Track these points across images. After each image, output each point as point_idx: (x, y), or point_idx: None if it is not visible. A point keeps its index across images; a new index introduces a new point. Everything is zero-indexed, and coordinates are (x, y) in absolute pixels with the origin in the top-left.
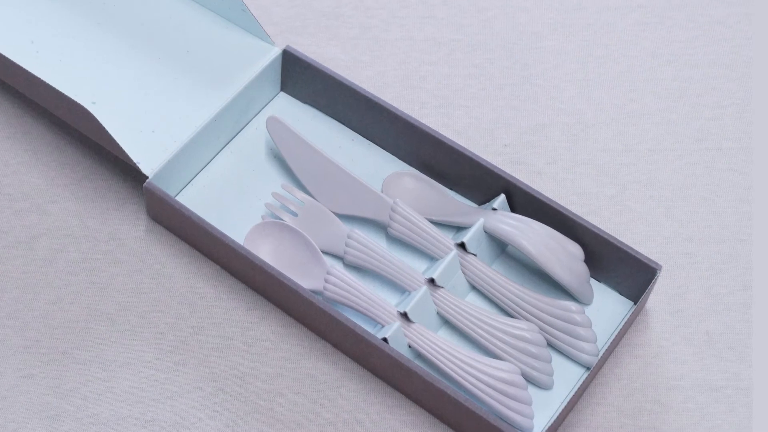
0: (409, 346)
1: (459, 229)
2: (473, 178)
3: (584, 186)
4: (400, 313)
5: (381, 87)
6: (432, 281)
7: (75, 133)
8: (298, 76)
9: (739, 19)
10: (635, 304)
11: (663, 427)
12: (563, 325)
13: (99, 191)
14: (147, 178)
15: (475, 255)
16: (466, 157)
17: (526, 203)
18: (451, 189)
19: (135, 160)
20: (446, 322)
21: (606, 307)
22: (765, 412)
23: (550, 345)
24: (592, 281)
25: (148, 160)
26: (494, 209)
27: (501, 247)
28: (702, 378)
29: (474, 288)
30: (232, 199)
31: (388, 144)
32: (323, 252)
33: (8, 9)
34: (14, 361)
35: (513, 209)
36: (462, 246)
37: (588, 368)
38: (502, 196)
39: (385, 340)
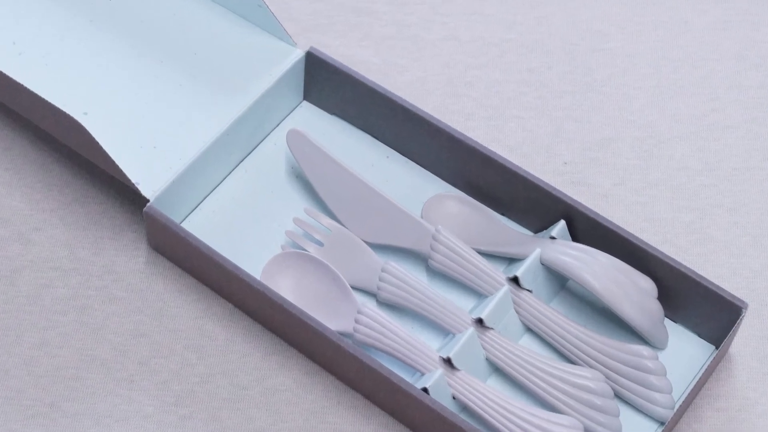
0: (454, 398)
1: (511, 260)
2: (528, 202)
3: (657, 211)
4: (443, 359)
5: (420, 95)
6: (480, 322)
7: (64, 149)
8: (324, 82)
9: None
10: (717, 348)
11: None
12: (633, 373)
13: (91, 217)
14: (148, 201)
15: (530, 291)
16: (519, 177)
17: (590, 230)
18: (502, 214)
19: (134, 181)
20: (497, 370)
21: (683, 351)
22: None
23: (617, 396)
24: (667, 322)
25: (148, 180)
26: (552, 238)
27: (560, 282)
28: None
29: (529, 330)
30: (247, 226)
31: (428, 162)
32: (353, 288)
33: None
34: None
35: (574, 238)
36: (515, 281)
37: (662, 423)
38: (562, 223)
39: (425, 390)
